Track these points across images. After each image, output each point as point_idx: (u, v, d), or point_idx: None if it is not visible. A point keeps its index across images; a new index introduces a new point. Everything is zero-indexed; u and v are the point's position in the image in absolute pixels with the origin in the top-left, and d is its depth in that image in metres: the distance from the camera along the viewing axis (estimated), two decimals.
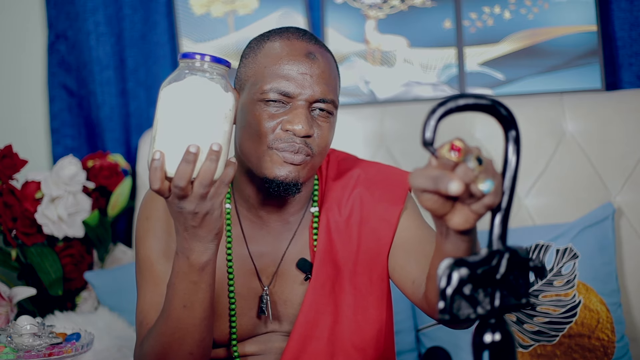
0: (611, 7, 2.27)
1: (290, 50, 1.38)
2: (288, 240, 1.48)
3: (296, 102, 1.36)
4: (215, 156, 1.15)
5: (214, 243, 1.25)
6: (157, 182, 1.16)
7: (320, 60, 1.38)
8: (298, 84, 1.36)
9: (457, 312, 0.87)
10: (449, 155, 0.87)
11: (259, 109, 1.36)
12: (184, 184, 1.15)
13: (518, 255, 0.89)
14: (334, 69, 1.42)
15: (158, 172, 1.16)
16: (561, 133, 2.18)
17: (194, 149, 1.14)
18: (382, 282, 1.47)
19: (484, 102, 0.90)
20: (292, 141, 1.35)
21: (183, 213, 1.20)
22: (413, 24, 2.34)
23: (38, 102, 2.51)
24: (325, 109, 1.38)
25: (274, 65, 1.37)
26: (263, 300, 1.46)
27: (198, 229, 1.22)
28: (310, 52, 1.38)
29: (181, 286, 1.27)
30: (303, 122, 1.34)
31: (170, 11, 2.43)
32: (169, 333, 1.31)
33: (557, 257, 1.98)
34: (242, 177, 1.45)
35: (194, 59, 1.20)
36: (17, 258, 2.14)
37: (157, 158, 1.15)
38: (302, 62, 1.37)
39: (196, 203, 1.18)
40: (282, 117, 1.36)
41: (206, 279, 1.27)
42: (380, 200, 1.47)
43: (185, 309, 1.29)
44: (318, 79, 1.37)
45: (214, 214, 1.21)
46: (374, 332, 1.46)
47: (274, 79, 1.36)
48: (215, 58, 1.21)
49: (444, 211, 0.92)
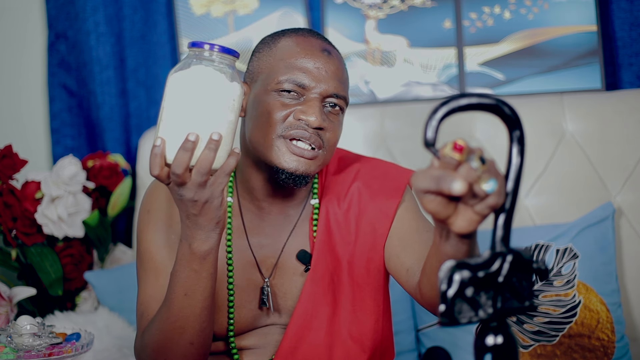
0: (611, 7, 2.27)
1: (306, 46, 1.42)
2: (288, 232, 1.49)
3: (310, 94, 1.39)
4: (214, 145, 1.17)
5: (216, 232, 1.26)
6: (156, 168, 1.19)
7: (334, 58, 1.43)
8: (314, 77, 1.39)
9: (459, 315, 0.85)
10: (451, 154, 0.86)
11: (272, 98, 1.39)
12: (180, 171, 1.17)
13: (521, 257, 0.87)
14: (345, 69, 1.46)
15: (158, 158, 1.18)
16: (561, 133, 2.18)
17: (193, 137, 1.16)
18: (379, 273, 1.48)
19: (487, 102, 0.89)
20: (304, 129, 1.37)
21: (183, 200, 1.22)
22: (413, 24, 2.34)
23: (38, 102, 2.50)
24: (337, 105, 1.41)
25: (290, 59, 1.40)
26: (264, 292, 1.46)
27: (199, 217, 1.23)
28: (326, 49, 1.43)
29: (183, 274, 1.29)
30: (317, 113, 1.37)
31: (170, 11, 2.42)
32: (170, 322, 1.32)
33: (557, 257, 1.98)
34: (249, 169, 1.46)
35: (202, 48, 1.22)
36: (17, 258, 2.14)
37: (158, 145, 1.18)
38: (319, 57, 1.41)
39: (195, 191, 1.20)
40: (295, 107, 1.39)
41: (207, 267, 1.29)
42: (378, 194, 1.49)
43: (186, 298, 1.30)
44: (333, 75, 1.40)
45: (214, 202, 1.22)
46: (371, 323, 1.47)
47: (290, 71, 1.39)
48: (224, 48, 1.22)
49: (446, 214, 0.91)
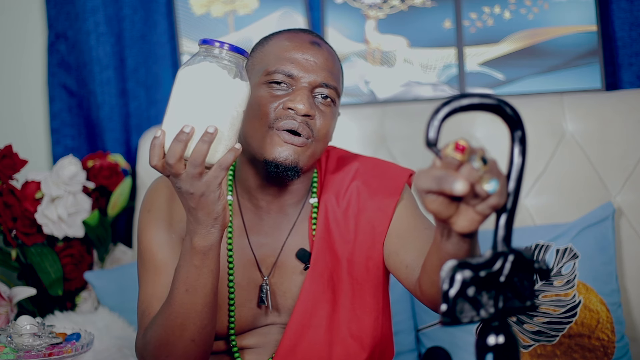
0: (611, 7, 2.27)
1: (295, 39, 1.44)
2: (287, 230, 1.50)
3: (299, 84, 1.41)
4: (208, 138, 1.19)
5: (215, 228, 1.27)
6: (155, 158, 1.22)
7: (324, 50, 1.45)
8: (302, 67, 1.41)
9: (460, 315, 0.86)
10: (453, 154, 0.86)
11: (263, 91, 1.41)
12: (172, 162, 1.20)
13: (523, 257, 0.87)
14: (337, 62, 1.47)
15: (157, 149, 1.22)
16: (561, 133, 2.18)
17: (188, 129, 1.19)
18: (378, 270, 1.49)
19: (489, 102, 0.89)
20: (292, 118, 1.39)
21: (182, 193, 1.24)
22: (413, 24, 2.34)
23: (38, 102, 2.50)
24: (328, 95, 1.43)
25: (279, 52, 1.43)
26: (263, 290, 1.47)
27: (197, 211, 1.25)
28: (315, 41, 1.45)
29: (184, 269, 1.30)
30: (304, 100, 1.39)
31: (170, 11, 2.42)
32: (171, 318, 1.33)
33: (557, 257, 1.98)
34: (245, 167, 1.47)
35: (212, 45, 1.24)
36: (17, 258, 2.14)
37: (158, 136, 1.22)
38: (307, 48, 1.43)
39: (190, 183, 1.22)
40: (284, 97, 1.40)
41: (208, 263, 1.30)
42: (377, 192, 1.50)
43: (187, 293, 1.31)
44: (322, 65, 1.42)
45: (210, 196, 1.23)
46: (370, 320, 1.48)
47: (280, 62, 1.41)
48: (233, 47, 1.24)
49: (448, 214, 0.91)
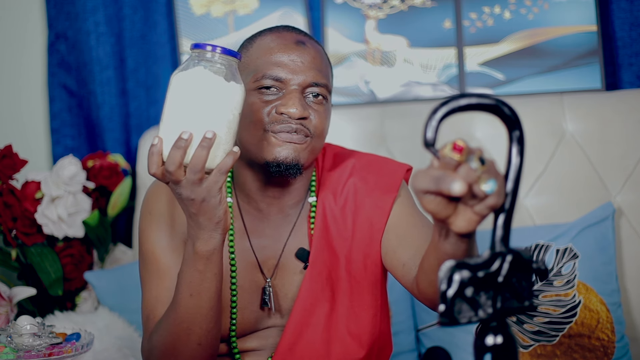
0: (611, 7, 2.27)
1: (280, 41, 1.42)
2: (288, 231, 1.50)
3: (289, 87, 1.40)
4: (207, 143, 1.19)
5: (217, 232, 1.27)
6: (153, 166, 1.22)
7: (310, 48, 1.43)
8: (290, 69, 1.40)
9: (458, 315, 0.86)
10: (451, 155, 0.86)
11: (254, 97, 1.40)
12: (172, 169, 1.20)
13: (521, 257, 0.87)
14: (325, 57, 1.46)
15: (155, 156, 1.21)
16: (561, 133, 2.18)
17: (186, 136, 1.18)
18: (376, 267, 1.48)
19: (487, 102, 0.89)
20: (288, 122, 1.38)
21: (182, 199, 1.24)
22: (413, 24, 2.34)
23: (38, 102, 2.50)
24: (319, 94, 1.41)
25: (265, 56, 1.41)
26: (266, 292, 1.47)
27: (198, 217, 1.25)
28: (300, 40, 1.43)
29: (188, 274, 1.30)
30: (296, 104, 1.38)
31: (170, 11, 2.42)
32: (177, 323, 1.33)
33: (557, 257, 1.98)
34: (243, 171, 1.46)
35: (202, 49, 1.23)
36: (17, 258, 2.13)
37: (155, 143, 1.21)
38: (293, 49, 1.41)
39: (190, 189, 1.22)
40: (276, 102, 1.39)
41: (212, 268, 1.30)
42: (374, 189, 1.49)
43: (192, 298, 1.31)
44: (310, 65, 1.41)
45: (211, 201, 1.23)
46: (369, 318, 1.47)
47: (267, 67, 1.40)
48: (225, 50, 1.23)
49: (446, 214, 0.91)
